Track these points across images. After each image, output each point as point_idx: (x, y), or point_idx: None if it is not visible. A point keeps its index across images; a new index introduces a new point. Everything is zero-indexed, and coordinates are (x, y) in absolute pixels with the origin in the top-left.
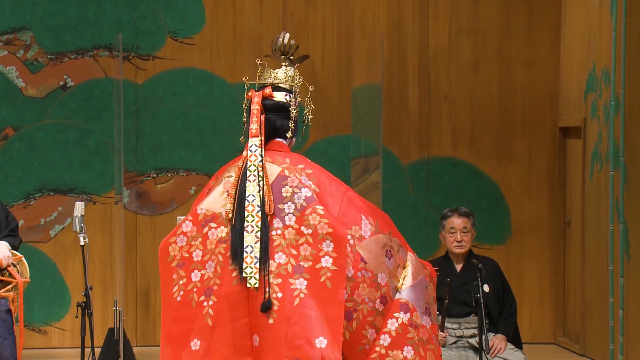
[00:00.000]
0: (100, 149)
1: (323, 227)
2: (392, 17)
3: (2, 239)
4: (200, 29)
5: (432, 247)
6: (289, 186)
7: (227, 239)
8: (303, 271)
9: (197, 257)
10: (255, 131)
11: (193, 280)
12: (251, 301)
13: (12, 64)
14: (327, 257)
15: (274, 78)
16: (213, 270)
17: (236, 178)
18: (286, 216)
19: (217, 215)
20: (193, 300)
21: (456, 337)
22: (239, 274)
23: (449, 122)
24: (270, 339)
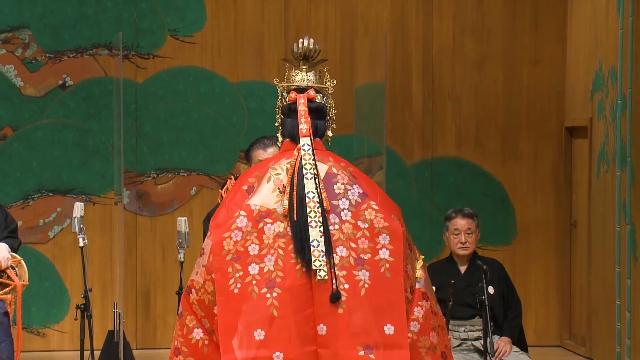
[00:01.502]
0: (100, 148)
1: (379, 222)
2: (395, 15)
3: (2, 240)
4: (201, 27)
5: (436, 249)
6: (340, 183)
7: (285, 233)
8: (364, 263)
9: (253, 251)
10: (306, 131)
11: (251, 273)
12: (317, 293)
13: (11, 62)
14: (384, 249)
15: (308, 81)
16: (274, 263)
17: (290, 176)
18: (342, 212)
19: (271, 211)
20: (253, 292)
21: (460, 340)
22: (305, 267)
23: (453, 121)
24: (340, 328)
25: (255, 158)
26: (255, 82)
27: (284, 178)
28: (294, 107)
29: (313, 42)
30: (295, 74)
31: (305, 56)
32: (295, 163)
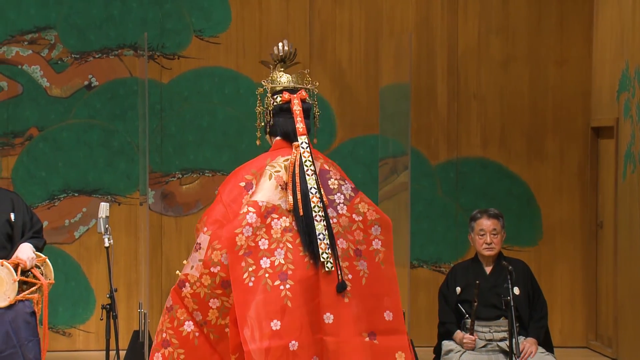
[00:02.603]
0: (125, 149)
1: (372, 214)
2: (420, 15)
3: (26, 240)
4: (226, 27)
5: (461, 249)
6: (334, 179)
7: (291, 228)
8: (361, 254)
9: (263, 246)
10: (303, 130)
11: (263, 267)
12: (323, 283)
13: (37, 63)
14: (376, 240)
15: (295, 82)
16: (284, 257)
17: (290, 173)
18: (338, 206)
19: (277, 207)
20: (267, 285)
21: (486, 341)
22: (313, 260)
23: (479, 121)
24: (346, 316)
25: None
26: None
27: (283, 175)
28: (286, 107)
29: (291, 46)
30: (280, 76)
31: (283, 59)
32: (295, 160)
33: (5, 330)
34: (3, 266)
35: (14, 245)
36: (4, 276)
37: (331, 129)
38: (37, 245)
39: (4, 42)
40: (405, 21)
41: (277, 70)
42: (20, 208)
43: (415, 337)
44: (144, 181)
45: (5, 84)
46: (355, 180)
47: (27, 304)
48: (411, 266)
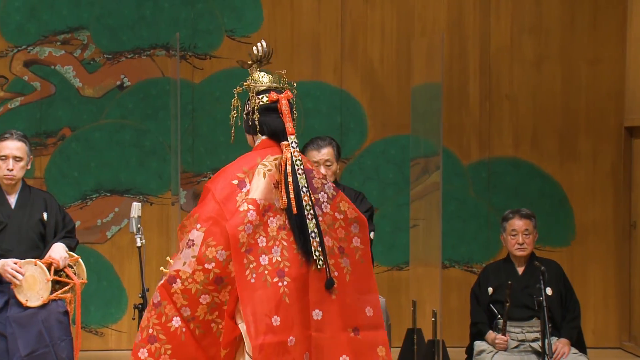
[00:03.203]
0: (157, 149)
1: (352, 213)
2: (452, 14)
3: (59, 240)
4: (258, 27)
5: (493, 250)
6: (317, 178)
7: (285, 226)
8: (344, 251)
9: (262, 243)
10: (292, 129)
11: (262, 264)
12: (312, 280)
13: (69, 63)
14: (356, 237)
15: (278, 82)
16: (280, 254)
17: (282, 172)
18: (322, 204)
19: (272, 205)
20: (267, 282)
21: (518, 341)
22: (305, 257)
23: (511, 121)
24: (333, 313)
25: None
26: (312, 82)
27: (275, 174)
28: (273, 107)
29: (268, 46)
30: (261, 76)
31: (261, 59)
32: (287, 159)
33: (38, 330)
34: (36, 266)
35: (46, 245)
36: (37, 276)
37: (362, 128)
38: (69, 245)
39: (37, 42)
40: (438, 21)
41: (256, 71)
42: (53, 208)
43: (447, 338)
44: (176, 181)
45: (38, 84)
46: (386, 180)
47: (60, 304)
48: (443, 266)
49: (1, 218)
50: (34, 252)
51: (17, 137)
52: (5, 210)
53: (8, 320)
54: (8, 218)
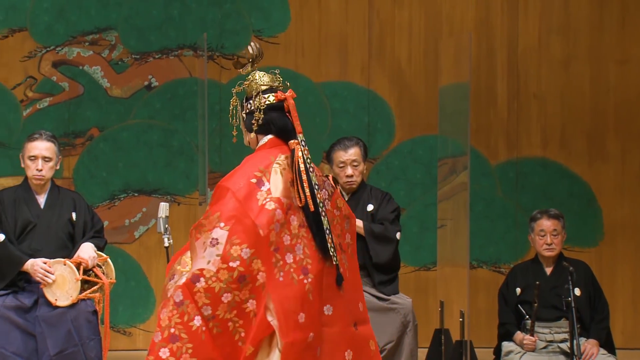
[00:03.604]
0: (185, 149)
1: (346, 209)
2: (480, 14)
3: (88, 240)
4: (285, 28)
5: (521, 250)
6: (318, 175)
7: (303, 223)
8: (342, 247)
9: (286, 242)
10: (300, 128)
11: (288, 262)
12: (325, 276)
13: (97, 64)
14: (348, 234)
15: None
16: (302, 252)
17: (295, 170)
18: (324, 201)
19: (292, 204)
20: (294, 279)
21: (546, 342)
22: (323, 254)
23: (539, 121)
24: (341, 308)
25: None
26: (339, 82)
27: (289, 172)
28: (279, 105)
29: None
30: (262, 76)
31: (254, 59)
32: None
33: (67, 329)
34: (66, 265)
35: (75, 244)
36: (66, 275)
37: (390, 128)
38: (98, 245)
39: (66, 43)
40: (465, 20)
41: (256, 70)
42: (82, 208)
43: (474, 338)
44: (203, 181)
45: (66, 84)
46: (414, 180)
47: (89, 303)
48: (470, 267)
49: (30, 218)
50: (62, 251)
51: (46, 138)
52: (35, 210)
53: (37, 319)
54: (37, 218)
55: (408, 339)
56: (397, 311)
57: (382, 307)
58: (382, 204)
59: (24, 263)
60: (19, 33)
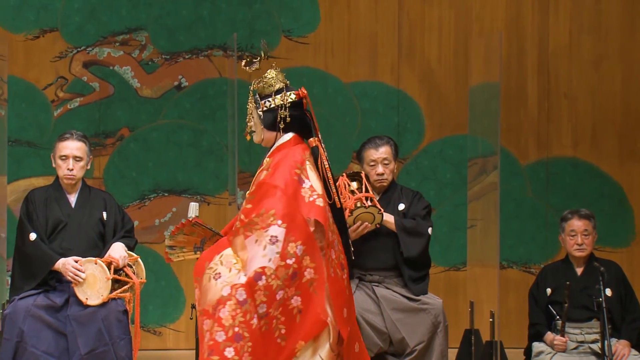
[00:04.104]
0: (214, 149)
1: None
2: (510, 13)
3: (118, 240)
4: (315, 27)
5: (551, 250)
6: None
7: (333, 220)
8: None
9: (330, 238)
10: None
11: (332, 258)
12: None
13: (128, 64)
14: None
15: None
16: (338, 248)
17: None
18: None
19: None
20: (338, 275)
21: (577, 343)
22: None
23: (570, 121)
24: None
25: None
26: (369, 82)
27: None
28: (300, 103)
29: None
30: (277, 73)
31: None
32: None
33: (97, 328)
34: (97, 264)
35: (106, 244)
36: (97, 274)
37: (420, 128)
38: (128, 245)
39: (96, 43)
40: (495, 20)
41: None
42: (112, 207)
43: (505, 339)
44: (233, 181)
45: (97, 84)
46: (443, 180)
47: (119, 303)
48: (501, 267)
49: (61, 217)
50: (93, 251)
51: (77, 137)
52: (66, 209)
53: (68, 318)
54: (68, 217)
55: (439, 339)
56: (428, 312)
57: (412, 307)
58: (414, 202)
59: (55, 262)
60: (50, 33)
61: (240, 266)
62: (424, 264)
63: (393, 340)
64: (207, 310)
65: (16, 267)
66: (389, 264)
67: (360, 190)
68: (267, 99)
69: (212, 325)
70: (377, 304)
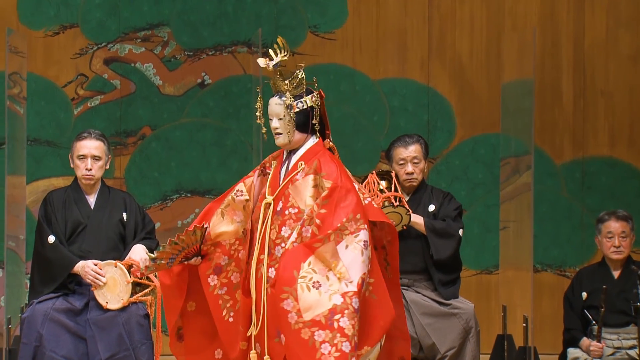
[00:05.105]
0: (239, 148)
1: None
2: (545, 8)
3: (139, 241)
4: (342, 23)
5: (587, 253)
6: None
7: None
8: None
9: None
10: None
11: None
12: None
13: (150, 61)
14: None
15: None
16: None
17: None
18: None
19: None
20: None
21: (614, 348)
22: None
23: (606, 119)
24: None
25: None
26: (398, 79)
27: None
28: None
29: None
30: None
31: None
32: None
33: (118, 333)
34: (116, 267)
35: (126, 246)
36: (117, 278)
37: (450, 127)
38: (150, 247)
39: (118, 39)
40: (529, 14)
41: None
42: (133, 208)
43: (539, 344)
44: None
45: (118, 82)
46: (475, 180)
47: (140, 306)
48: (534, 270)
49: (81, 219)
50: (113, 253)
51: (95, 136)
52: (85, 210)
53: (88, 322)
54: (87, 219)
55: (470, 345)
56: (459, 316)
57: (443, 312)
58: (444, 203)
59: (74, 265)
60: (70, 30)
61: (337, 273)
62: (454, 267)
63: (423, 346)
64: (318, 321)
65: (35, 270)
66: (418, 267)
67: (389, 190)
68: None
69: (333, 336)
70: (407, 309)
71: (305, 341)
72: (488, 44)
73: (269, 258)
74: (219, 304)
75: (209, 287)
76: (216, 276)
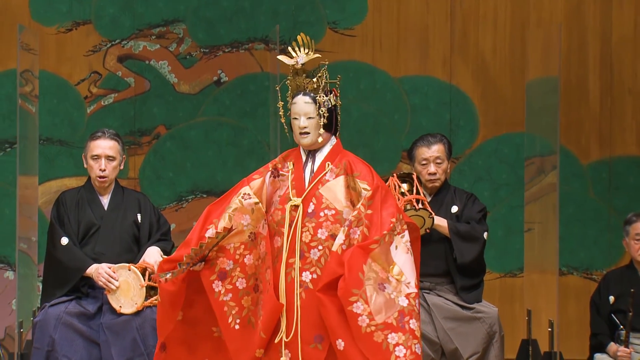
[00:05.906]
0: (256, 148)
1: None
2: (571, 3)
3: (154, 243)
4: (362, 19)
5: (615, 255)
6: None
7: None
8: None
9: None
10: None
11: None
12: None
13: (165, 58)
14: None
15: None
16: None
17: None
18: None
19: None
20: None
21: None
22: None
23: (634, 118)
24: None
25: (419, 156)
26: (419, 77)
27: None
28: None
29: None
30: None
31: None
32: None
33: (132, 337)
34: (130, 271)
35: (141, 247)
36: (131, 281)
37: (473, 126)
38: (164, 249)
39: (132, 36)
40: (554, 10)
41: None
42: (147, 209)
43: (564, 349)
44: None
45: (132, 80)
46: (499, 180)
47: (154, 310)
48: (560, 273)
49: (94, 220)
50: (127, 255)
51: (109, 136)
52: (98, 212)
53: (101, 327)
54: (101, 220)
55: (494, 350)
56: (483, 320)
57: (466, 316)
58: (468, 204)
59: (87, 267)
60: (83, 26)
61: (396, 275)
62: (478, 270)
63: (445, 351)
64: (390, 324)
65: (47, 273)
66: (440, 269)
67: (411, 192)
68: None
69: (407, 338)
70: (429, 312)
71: (378, 344)
72: (512, 40)
73: (302, 261)
74: (225, 311)
75: (214, 293)
76: (220, 282)
